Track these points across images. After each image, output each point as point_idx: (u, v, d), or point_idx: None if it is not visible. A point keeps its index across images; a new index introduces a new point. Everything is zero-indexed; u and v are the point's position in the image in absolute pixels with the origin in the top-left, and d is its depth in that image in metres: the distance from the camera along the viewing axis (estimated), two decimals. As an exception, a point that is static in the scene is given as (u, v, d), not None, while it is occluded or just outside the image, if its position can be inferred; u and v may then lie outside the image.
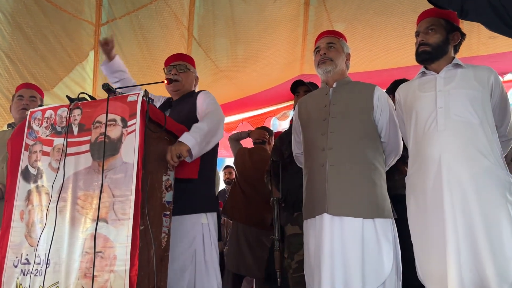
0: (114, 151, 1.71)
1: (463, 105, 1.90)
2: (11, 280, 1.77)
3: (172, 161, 1.88)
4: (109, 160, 1.71)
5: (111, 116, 1.75)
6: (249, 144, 3.99)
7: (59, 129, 1.87)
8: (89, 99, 1.91)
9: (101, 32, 3.84)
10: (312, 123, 2.24)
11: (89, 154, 1.77)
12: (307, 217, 2.16)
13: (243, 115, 5.80)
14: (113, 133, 1.73)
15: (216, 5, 3.79)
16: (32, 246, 1.78)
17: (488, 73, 1.96)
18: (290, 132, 2.65)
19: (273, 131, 4.15)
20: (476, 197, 1.78)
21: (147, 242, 1.68)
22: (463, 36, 2.08)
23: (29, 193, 1.86)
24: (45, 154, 1.87)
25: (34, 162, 1.89)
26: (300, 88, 2.95)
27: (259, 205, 3.56)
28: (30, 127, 1.95)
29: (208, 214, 2.17)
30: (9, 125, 2.94)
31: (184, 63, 2.40)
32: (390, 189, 2.15)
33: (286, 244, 2.78)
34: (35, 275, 1.72)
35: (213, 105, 2.19)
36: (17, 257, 1.79)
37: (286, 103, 5.46)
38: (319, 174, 2.09)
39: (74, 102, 1.88)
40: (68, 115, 1.86)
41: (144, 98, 1.74)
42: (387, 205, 2.06)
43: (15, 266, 1.78)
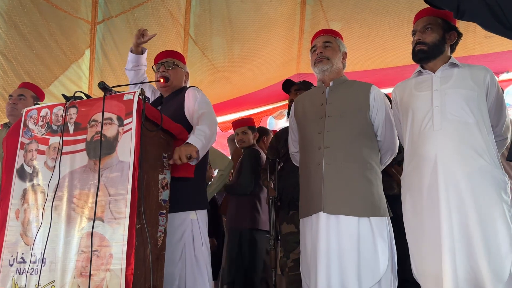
0: (110, 150, 1.70)
1: (459, 105, 1.91)
2: (6, 279, 1.76)
3: (180, 161, 1.88)
4: (105, 158, 1.70)
5: (107, 115, 1.75)
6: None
7: (54, 127, 1.86)
8: (85, 98, 1.90)
9: (97, 30, 3.83)
10: (308, 121, 2.24)
11: (85, 152, 1.76)
12: (303, 216, 2.17)
13: (240, 114, 5.79)
14: (109, 131, 1.73)
15: (213, 4, 3.78)
16: (27, 245, 1.77)
17: (484, 72, 1.96)
18: (286, 131, 2.66)
19: (270, 130, 4.16)
20: (471, 196, 1.78)
21: (143, 241, 1.67)
22: (459, 35, 2.08)
23: (24, 191, 1.85)
24: (41, 152, 1.86)
25: (30, 160, 1.88)
26: (292, 88, 2.98)
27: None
28: (25, 125, 1.93)
29: (197, 211, 2.16)
30: (5, 125, 2.94)
31: (172, 59, 2.39)
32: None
33: (281, 243, 2.79)
34: (31, 274, 1.71)
35: (207, 106, 2.17)
36: (12, 256, 1.78)
37: (283, 102, 5.46)
38: (315, 173, 2.09)
39: (70, 100, 1.87)
40: (64, 114, 1.85)
41: (140, 96, 1.73)
42: (383, 204, 2.07)
43: (11, 265, 1.77)
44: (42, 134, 1.88)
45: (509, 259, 1.72)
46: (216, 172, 3.52)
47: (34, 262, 1.72)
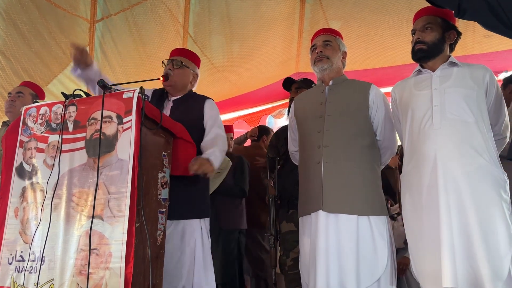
0: (110, 148, 1.70)
1: (458, 104, 1.91)
2: (5, 277, 1.76)
3: (194, 171, 1.99)
4: (104, 157, 1.70)
5: (106, 113, 1.74)
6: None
7: (54, 125, 1.86)
8: (84, 96, 1.90)
9: (96, 28, 3.82)
10: (308, 120, 2.24)
11: (84, 151, 1.76)
12: (302, 214, 2.17)
13: (239, 113, 5.79)
14: (109, 130, 1.72)
15: (212, 2, 3.77)
16: (26, 243, 1.77)
17: (483, 72, 1.97)
18: (286, 129, 2.66)
19: (271, 129, 4.16)
20: (471, 194, 1.79)
21: (143, 239, 1.67)
22: (459, 34, 2.08)
23: (23, 190, 1.85)
24: (40, 150, 1.86)
25: (29, 159, 1.87)
26: (292, 86, 2.98)
27: (255, 204, 3.55)
28: (24, 123, 1.93)
29: (205, 219, 2.25)
30: (4, 123, 2.93)
31: (181, 58, 2.37)
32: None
33: (281, 242, 2.79)
34: (30, 272, 1.71)
35: (221, 127, 2.32)
36: (11, 254, 1.78)
37: (282, 101, 5.46)
38: (314, 172, 2.09)
39: (69, 98, 1.87)
40: (63, 112, 1.84)
41: (139, 95, 1.73)
42: (382, 203, 2.07)
43: (10, 264, 1.77)
44: (41, 132, 1.88)
45: (508, 258, 1.72)
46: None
47: (33, 261, 1.72)
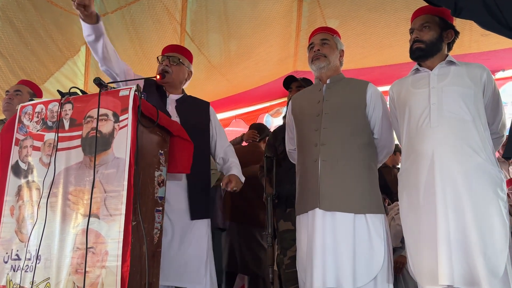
0: (106, 146, 1.69)
1: (456, 102, 1.91)
2: (1, 276, 1.75)
3: (227, 187, 2.19)
4: (100, 155, 1.69)
5: (102, 111, 1.73)
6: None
7: (50, 123, 1.85)
8: (80, 94, 1.89)
9: (93, 26, 3.79)
10: (305, 119, 2.24)
11: (80, 149, 1.74)
12: (299, 213, 2.17)
13: (236, 112, 5.79)
14: (105, 128, 1.71)
15: (209, 0, 3.76)
16: (22, 242, 1.76)
17: (481, 70, 1.97)
18: (283, 128, 2.66)
19: (268, 128, 4.16)
20: (468, 193, 1.79)
21: (139, 238, 1.67)
22: (456, 33, 2.09)
23: (19, 188, 1.84)
24: (36, 149, 1.85)
25: (25, 157, 1.86)
26: (293, 84, 2.95)
27: (253, 202, 3.55)
28: (20, 121, 1.92)
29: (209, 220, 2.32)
30: (1, 122, 2.91)
31: (178, 55, 2.38)
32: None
33: (278, 240, 2.79)
34: (26, 271, 1.70)
35: (226, 137, 2.50)
36: (7, 253, 1.77)
37: (279, 100, 5.46)
38: (311, 170, 2.09)
39: (65, 96, 1.85)
40: (59, 110, 1.83)
41: (136, 92, 1.72)
42: (378, 201, 2.07)
43: (5, 262, 1.76)
44: (37, 130, 1.87)
45: (504, 255, 1.73)
46: None
47: (29, 259, 1.71)
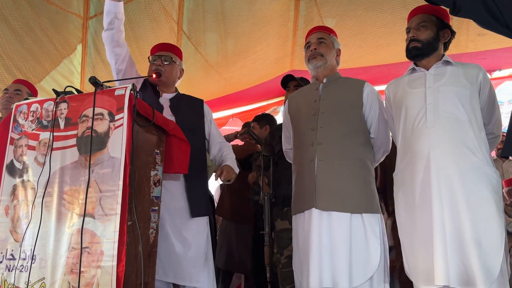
0: (101, 146, 1.68)
1: (452, 102, 1.91)
2: (-5, 276, 1.74)
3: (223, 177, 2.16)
4: (96, 154, 1.68)
5: (98, 110, 1.72)
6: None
7: (45, 123, 1.84)
8: (76, 93, 1.88)
9: (89, 25, 3.78)
10: (301, 118, 2.24)
11: (75, 148, 1.73)
12: (296, 212, 2.17)
13: (233, 111, 5.78)
14: (100, 127, 1.71)
15: (206, -1, 3.77)
16: (17, 241, 1.75)
17: (477, 71, 1.97)
18: (280, 128, 2.65)
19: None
20: (463, 193, 1.79)
21: (135, 238, 1.66)
22: (453, 33, 2.09)
23: (14, 188, 1.83)
24: (31, 148, 1.84)
25: (20, 156, 1.85)
26: (291, 83, 2.94)
27: (248, 201, 3.55)
28: (15, 121, 1.91)
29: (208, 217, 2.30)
30: (-2, 120, 2.90)
31: (170, 54, 2.37)
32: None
33: (275, 239, 2.78)
34: (21, 271, 1.69)
35: (221, 134, 2.50)
36: (1, 252, 1.76)
37: (277, 99, 5.46)
38: (308, 169, 2.09)
39: (61, 95, 1.84)
40: (55, 109, 1.82)
41: (132, 92, 1.71)
42: (375, 200, 2.08)
43: (0, 262, 1.75)
44: (32, 130, 1.86)
45: (500, 255, 1.73)
46: None
47: (24, 259, 1.70)
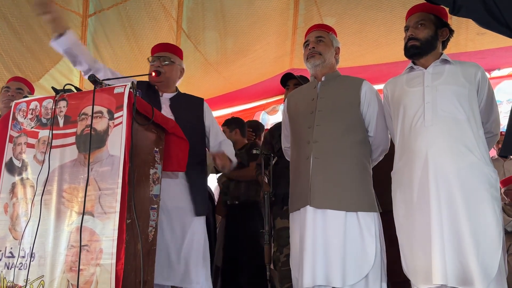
0: (101, 144, 1.69)
1: (450, 101, 1.91)
2: (-5, 273, 1.74)
3: (215, 160, 2.18)
4: (95, 152, 1.68)
5: (97, 108, 1.73)
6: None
7: (44, 121, 1.84)
8: (75, 91, 1.88)
9: (89, 23, 3.78)
10: (299, 116, 2.24)
11: (75, 146, 1.74)
12: (292, 210, 2.16)
13: (232, 109, 5.79)
14: (100, 125, 1.71)
15: (205, -3, 3.76)
16: (16, 239, 1.75)
17: (475, 69, 1.97)
18: (280, 126, 2.65)
19: (264, 126, 4.17)
20: (461, 192, 1.79)
21: (134, 236, 1.66)
22: (451, 32, 2.09)
23: (13, 185, 1.83)
24: (30, 146, 1.84)
25: (19, 154, 1.85)
26: (290, 82, 2.94)
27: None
28: (14, 118, 1.91)
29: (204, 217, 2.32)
30: (-3, 119, 2.90)
31: (169, 55, 2.36)
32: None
33: (275, 238, 2.79)
34: (20, 269, 1.69)
35: (223, 133, 2.50)
36: (0, 250, 1.76)
37: (276, 97, 5.46)
38: (303, 167, 2.09)
39: (60, 93, 1.84)
40: (54, 107, 1.82)
41: (131, 90, 1.71)
42: (371, 199, 2.06)
43: (-1, 260, 1.76)
44: (32, 128, 1.86)
45: (498, 255, 1.74)
46: None
47: (23, 257, 1.70)
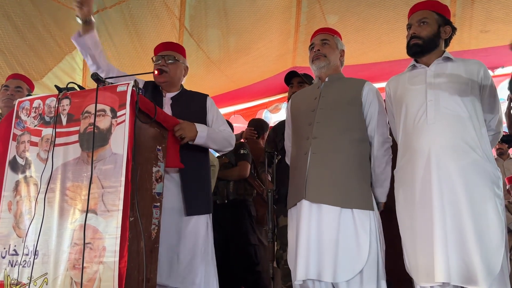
0: (104, 142, 1.69)
1: (452, 99, 1.91)
2: (-1, 271, 1.76)
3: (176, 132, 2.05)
4: (98, 150, 1.69)
5: (100, 106, 1.73)
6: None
7: (47, 119, 1.85)
8: (78, 89, 1.89)
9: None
10: (301, 114, 2.25)
11: (78, 144, 1.74)
12: (290, 206, 2.17)
13: (235, 108, 5.79)
14: (103, 123, 1.71)
15: (208, -5, 3.76)
16: (20, 237, 1.76)
17: (478, 67, 1.97)
18: (283, 124, 2.66)
19: (266, 123, 4.17)
20: (464, 190, 1.79)
21: (137, 234, 1.67)
22: (454, 30, 2.08)
23: (17, 183, 1.84)
24: (33, 144, 1.85)
25: (22, 152, 1.86)
26: (294, 80, 2.94)
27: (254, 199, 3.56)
28: (18, 117, 1.92)
29: (210, 215, 2.31)
30: (-3, 117, 2.90)
31: (173, 53, 2.37)
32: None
33: (278, 236, 2.79)
34: (23, 266, 1.70)
35: (227, 125, 2.41)
36: (5, 248, 1.77)
37: (279, 96, 5.46)
38: (301, 162, 2.10)
39: (63, 91, 1.85)
40: (57, 105, 1.83)
41: (134, 88, 1.72)
42: (367, 197, 2.04)
43: (3, 258, 1.76)
44: (35, 126, 1.87)
45: (500, 253, 1.73)
46: None
47: (27, 255, 1.71)
